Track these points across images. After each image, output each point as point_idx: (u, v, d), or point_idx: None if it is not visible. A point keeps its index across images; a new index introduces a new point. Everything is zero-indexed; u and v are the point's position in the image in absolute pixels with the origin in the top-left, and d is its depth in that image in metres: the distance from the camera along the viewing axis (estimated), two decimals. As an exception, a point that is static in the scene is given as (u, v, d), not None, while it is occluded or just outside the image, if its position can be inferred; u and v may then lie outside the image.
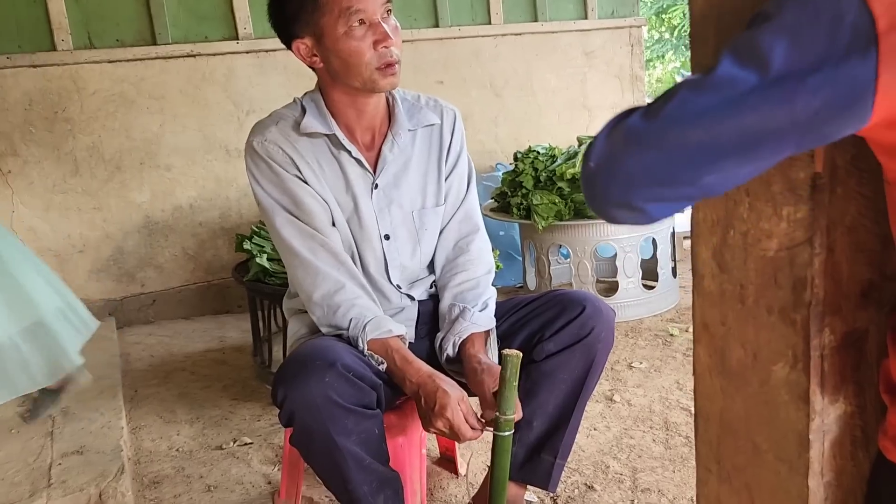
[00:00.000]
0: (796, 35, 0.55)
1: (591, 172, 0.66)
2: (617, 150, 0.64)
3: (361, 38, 1.43)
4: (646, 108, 0.64)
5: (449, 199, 1.64)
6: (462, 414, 1.38)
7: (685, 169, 0.61)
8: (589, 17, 4.28)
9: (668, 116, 0.61)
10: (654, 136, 0.62)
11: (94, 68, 3.22)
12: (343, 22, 1.42)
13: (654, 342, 2.80)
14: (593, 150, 0.67)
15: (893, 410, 0.64)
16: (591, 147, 0.67)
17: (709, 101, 0.59)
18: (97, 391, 2.45)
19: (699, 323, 0.75)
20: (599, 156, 0.66)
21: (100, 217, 3.32)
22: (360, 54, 1.44)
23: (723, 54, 0.60)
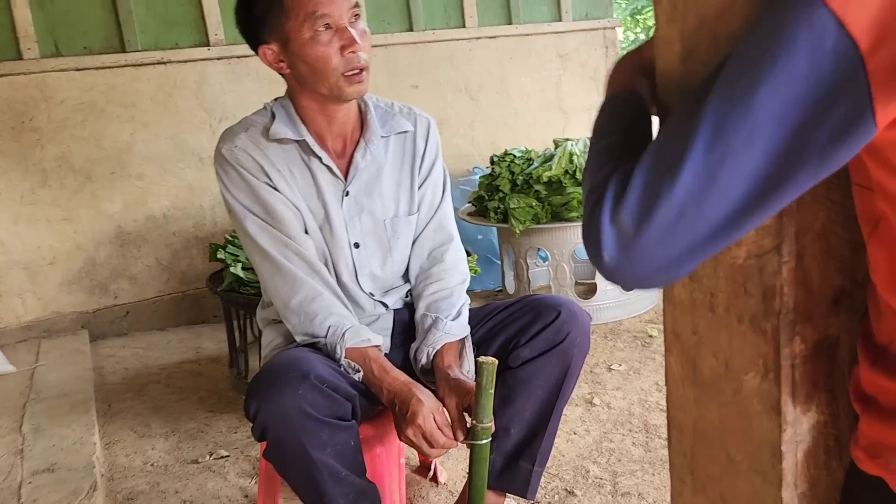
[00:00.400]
0: (785, 93, 0.54)
1: (611, 268, 0.62)
2: (630, 250, 0.60)
3: (328, 43, 1.41)
4: (637, 208, 0.59)
5: (423, 208, 1.62)
6: (434, 422, 1.37)
7: (711, 243, 0.59)
8: (563, 20, 4.29)
9: (668, 221, 0.58)
10: (657, 243, 0.59)
11: (62, 77, 3.16)
12: (308, 26, 1.40)
13: (634, 344, 2.80)
14: (598, 242, 0.61)
15: (865, 419, 0.64)
16: (592, 238, 0.62)
17: (707, 189, 0.57)
18: (69, 406, 2.41)
19: (670, 332, 0.73)
20: (612, 252, 0.61)
21: (70, 228, 3.26)
22: (326, 60, 1.42)
23: (703, 125, 0.57)
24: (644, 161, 0.60)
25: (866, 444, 0.63)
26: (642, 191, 0.59)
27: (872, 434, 0.63)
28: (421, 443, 1.37)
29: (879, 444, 0.62)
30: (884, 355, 0.62)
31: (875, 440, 0.62)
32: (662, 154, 0.59)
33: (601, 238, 0.61)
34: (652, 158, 0.60)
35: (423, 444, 1.37)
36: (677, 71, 0.67)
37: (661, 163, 0.59)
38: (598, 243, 0.61)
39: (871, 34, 0.51)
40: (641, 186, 0.59)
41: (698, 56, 0.65)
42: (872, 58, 0.52)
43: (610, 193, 0.61)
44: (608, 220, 0.61)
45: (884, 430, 0.62)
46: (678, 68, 0.67)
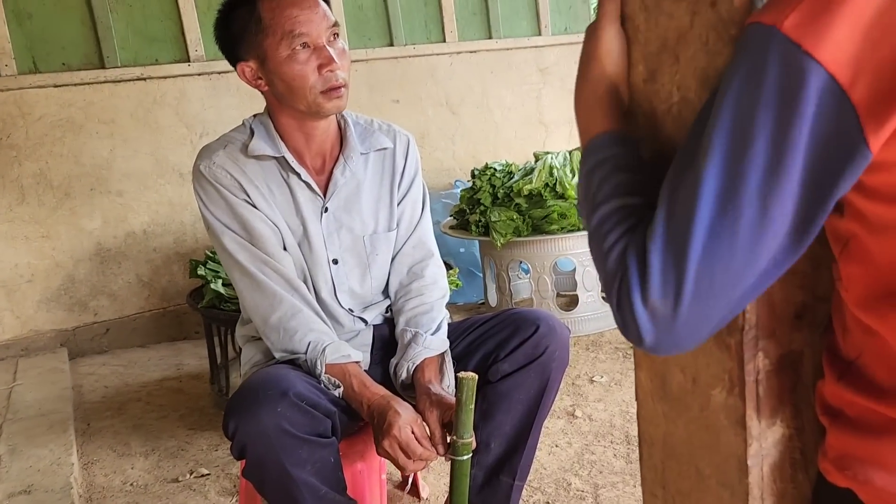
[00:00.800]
0: (782, 141, 0.54)
1: (656, 348, 0.61)
2: (672, 329, 0.59)
3: (305, 61, 1.42)
4: (665, 287, 0.58)
5: (402, 224, 1.63)
6: (410, 433, 1.36)
7: (753, 293, 0.58)
8: (542, 34, 4.33)
9: (701, 293, 0.57)
10: (698, 315, 0.58)
11: (40, 93, 3.14)
12: (286, 45, 1.41)
13: (615, 355, 2.81)
14: (637, 330, 0.60)
15: (833, 432, 0.65)
16: (629, 325, 0.61)
17: (730, 249, 0.56)
18: (46, 426, 2.38)
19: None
20: (653, 335, 0.60)
21: (49, 245, 3.23)
22: (303, 78, 1.42)
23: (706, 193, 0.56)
24: (656, 236, 0.59)
25: (835, 456, 0.64)
26: (663, 269, 0.58)
27: (840, 446, 0.64)
28: (397, 454, 1.37)
29: (848, 456, 0.63)
30: (850, 370, 0.63)
31: (843, 452, 0.63)
32: (672, 227, 0.58)
33: (639, 326, 0.60)
34: (663, 232, 0.59)
35: (400, 456, 1.37)
36: (642, 92, 0.69)
37: (674, 236, 0.58)
38: (637, 331, 0.61)
39: (848, 69, 0.53)
40: (661, 265, 0.58)
41: (661, 78, 0.66)
42: (854, 90, 0.53)
43: (633, 278, 0.60)
44: (640, 306, 0.59)
45: (852, 442, 0.63)
46: (642, 90, 0.68)
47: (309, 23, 1.41)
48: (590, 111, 0.72)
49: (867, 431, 0.61)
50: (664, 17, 0.65)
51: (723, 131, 0.56)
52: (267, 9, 1.41)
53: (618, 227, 0.63)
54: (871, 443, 0.61)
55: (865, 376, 0.61)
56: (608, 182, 0.66)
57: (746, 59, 0.56)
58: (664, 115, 0.67)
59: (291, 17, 1.41)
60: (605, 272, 0.64)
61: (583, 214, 0.71)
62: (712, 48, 0.61)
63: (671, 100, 0.66)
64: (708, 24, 0.61)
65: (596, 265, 0.67)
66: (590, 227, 0.68)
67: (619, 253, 0.62)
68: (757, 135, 0.55)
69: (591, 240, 0.67)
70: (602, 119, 0.70)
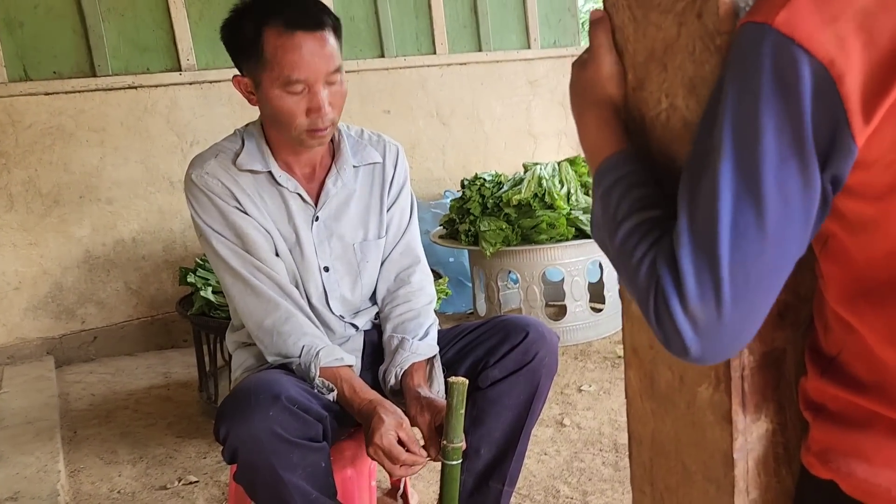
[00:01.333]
0: (787, 130, 0.56)
1: (702, 356, 0.60)
2: (718, 334, 0.59)
3: (296, 103, 1.41)
4: (703, 292, 0.58)
5: (390, 230, 1.64)
6: (393, 438, 1.37)
7: (783, 274, 0.59)
8: (532, 47, 4.38)
9: (739, 290, 0.57)
10: (743, 313, 0.58)
11: (30, 101, 3.15)
12: (280, 85, 1.40)
13: (603, 364, 2.83)
14: (681, 340, 0.60)
15: (816, 426, 0.67)
16: (671, 337, 0.60)
17: (759, 244, 0.57)
18: (33, 434, 2.37)
19: (629, 347, 0.76)
20: (698, 343, 0.59)
21: (36, 253, 3.22)
22: (291, 116, 1.43)
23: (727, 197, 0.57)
24: (683, 242, 0.59)
25: (818, 449, 0.66)
26: (697, 273, 0.58)
27: (824, 440, 0.66)
28: (382, 460, 1.37)
29: (831, 449, 0.65)
30: (832, 366, 0.66)
31: (827, 445, 0.65)
32: (698, 231, 0.59)
33: (682, 336, 0.59)
34: (690, 237, 0.59)
35: (385, 462, 1.38)
36: (631, 100, 0.71)
37: (701, 239, 0.58)
38: (682, 342, 0.60)
39: (838, 61, 0.55)
40: (694, 269, 0.58)
41: (649, 86, 0.69)
42: (843, 82, 0.55)
43: (668, 287, 0.59)
44: (680, 315, 0.59)
45: (834, 436, 0.65)
46: (631, 97, 0.71)
47: (308, 69, 1.39)
48: (599, 134, 0.73)
49: (849, 425, 0.63)
50: (652, 27, 0.67)
51: (730, 130, 0.58)
52: (270, 44, 1.38)
53: (643, 241, 0.63)
54: (852, 436, 0.63)
55: (846, 372, 0.64)
56: (626, 199, 0.67)
57: (742, 58, 0.58)
58: (653, 122, 0.69)
59: (291, 63, 1.38)
60: (637, 288, 0.63)
61: (602, 237, 0.70)
62: (699, 57, 0.63)
63: (659, 107, 0.68)
64: (694, 35, 0.64)
65: (626, 284, 0.66)
66: (613, 246, 0.67)
67: (649, 265, 0.62)
68: (763, 128, 0.56)
69: (618, 259, 0.66)
70: (611, 140, 0.71)
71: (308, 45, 1.38)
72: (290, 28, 1.38)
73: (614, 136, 0.71)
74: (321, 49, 1.39)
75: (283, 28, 1.38)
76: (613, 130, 0.72)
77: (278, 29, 1.38)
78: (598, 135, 0.73)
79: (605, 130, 0.72)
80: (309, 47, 1.38)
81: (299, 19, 1.38)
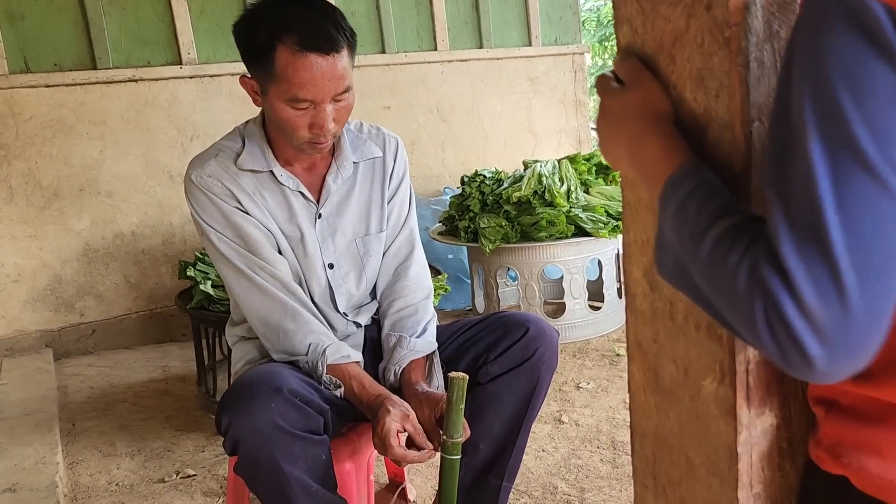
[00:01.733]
0: (878, 103, 0.50)
1: (830, 365, 0.53)
2: (847, 332, 0.52)
3: (300, 115, 1.40)
4: (821, 288, 0.51)
5: (389, 223, 1.64)
6: (391, 429, 1.37)
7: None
8: (533, 45, 4.38)
9: (863, 276, 0.51)
10: (870, 302, 0.51)
11: (31, 93, 3.14)
12: (287, 100, 1.39)
13: (601, 362, 2.84)
14: (802, 350, 0.52)
15: (827, 421, 0.66)
16: (790, 349, 0.53)
17: (876, 224, 0.51)
18: (31, 425, 2.37)
19: (633, 341, 0.76)
20: (822, 349, 0.52)
21: (36, 245, 3.21)
22: (294, 127, 1.42)
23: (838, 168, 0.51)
24: (783, 237, 0.53)
25: (829, 444, 0.66)
26: (808, 267, 0.52)
27: (835, 435, 0.65)
28: (385, 447, 1.37)
29: (843, 444, 0.64)
30: None
31: (838, 440, 0.65)
32: (799, 222, 0.52)
33: (803, 345, 0.52)
34: (790, 230, 0.53)
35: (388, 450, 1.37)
36: (638, 92, 0.71)
37: (805, 229, 0.52)
38: (803, 351, 0.52)
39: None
40: (804, 263, 0.52)
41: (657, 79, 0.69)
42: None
43: (777, 291, 0.52)
44: (798, 319, 0.51)
45: (846, 431, 0.64)
46: (639, 89, 0.71)
47: (317, 91, 1.37)
48: (663, 151, 0.68)
49: (862, 419, 0.63)
50: (660, 20, 0.67)
51: (811, 106, 0.52)
52: (282, 60, 1.36)
53: (735, 247, 0.56)
54: (866, 431, 0.62)
55: None
56: (706, 209, 0.60)
57: (811, 26, 0.53)
58: (660, 114, 0.69)
59: (300, 83, 1.36)
60: (736, 301, 0.55)
61: (679, 260, 0.63)
62: (707, 49, 0.63)
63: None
64: (703, 27, 0.64)
65: (721, 300, 0.58)
66: (700, 261, 0.59)
67: (748, 271, 0.54)
68: (845, 95, 0.51)
69: (708, 274, 0.58)
70: (677, 153, 0.66)
71: (320, 68, 1.36)
72: (304, 49, 1.35)
73: (679, 148, 0.67)
74: (332, 71, 1.37)
75: (296, 47, 1.35)
76: (678, 142, 0.67)
77: (292, 47, 1.35)
78: (662, 151, 0.67)
79: (669, 145, 0.67)
80: (321, 69, 1.36)
81: (314, 40, 1.35)
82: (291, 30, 1.35)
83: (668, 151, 0.67)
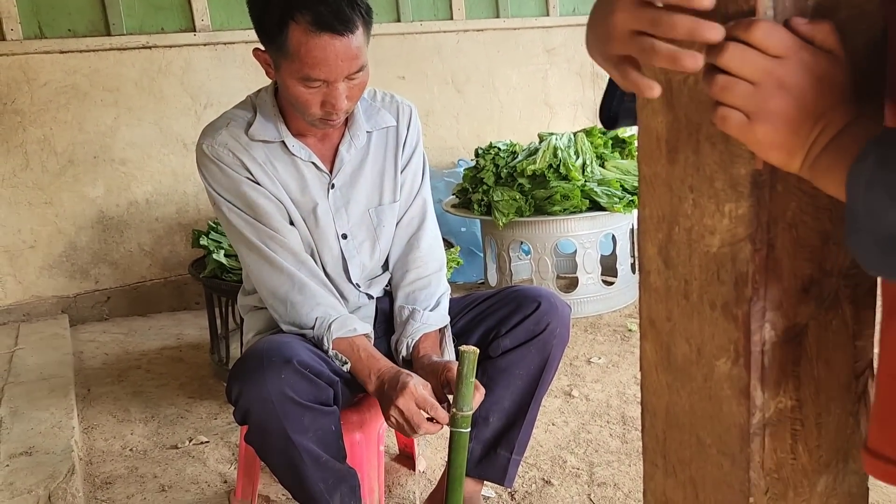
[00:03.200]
0: None
1: None
2: None
3: (313, 93, 1.38)
4: None
5: (402, 193, 1.63)
6: (423, 392, 1.36)
7: None
8: (550, 14, 4.31)
9: None
10: None
11: (45, 59, 3.13)
12: (300, 77, 1.37)
13: (613, 337, 2.83)
14: None
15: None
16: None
17: None
18: (47, 390, 2.40)
19: (646, 319, 0.75)
20: None
21: (51, 212, 3.23)
22: (306, 104, 1.40)
23: None
24: None
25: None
26: None
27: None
28: (412, 413, 1.35)
29: None
30: None
31: None
32: None
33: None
34: None
35: (414, 416, 1.35)
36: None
37: None
38: None
39: None
40: None
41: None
42: None
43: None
44: None
45: None
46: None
47: (330, 71, 1.35)
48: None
49: None
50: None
51: None
52: (294, 38, 1.34)
53: None
54: None
55: None
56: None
57: None
58: (680, 86, 0.67)
59: (313, 62, 1.34)
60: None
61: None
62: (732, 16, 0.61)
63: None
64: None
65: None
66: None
67: None
68: None
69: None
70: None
71: (334, 48, 1.33)
72: (318, 28, 1.32)
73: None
74: (346, 51, 1.35)
75: (310, 26, 1.32)
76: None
77: (305, 26, 1.32)
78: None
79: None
80: (334, 49, 1.33)
81: (328, 19, 1.32)
82: (305, 8, 1.32)
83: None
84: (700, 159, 0.67)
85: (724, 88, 0.60)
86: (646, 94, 0.64)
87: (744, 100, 0.60)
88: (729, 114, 0.60)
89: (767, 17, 0.58)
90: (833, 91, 0.59)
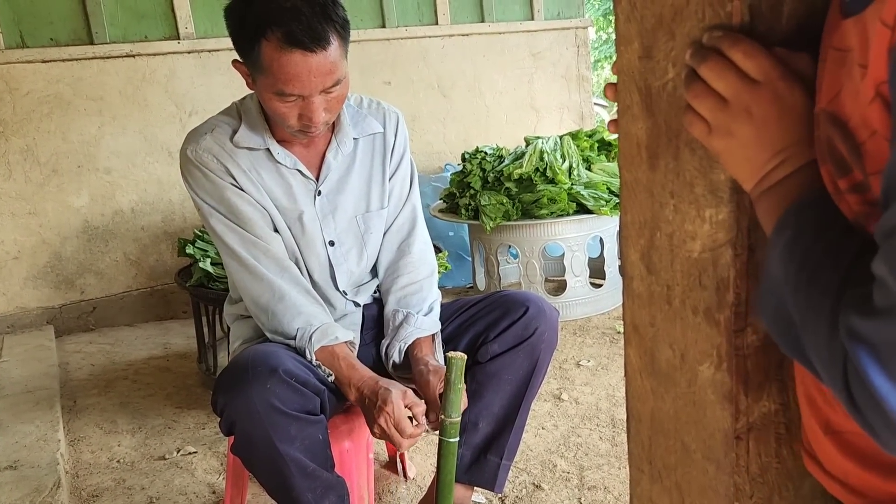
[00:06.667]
0: None
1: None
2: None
3: (289, 107, 1.37)
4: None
5: (391, 200, 1.63)
6: (403, 410, 1.36)
7: None
8: (535, 18, 4.32)
9: None
10: None
11: (27, 68, 3.11)
12: (274, 92, 1.36)
13: (602, 340, 2.83)
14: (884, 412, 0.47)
15: (805, 417, 0.64)
16: (870, 411, 0.47)
17: None
18: (32, 402, 2.37)
19: (629, 325, 0.75)
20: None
21: (35, 222, 3.20)
22: (284, 117, 1.40)
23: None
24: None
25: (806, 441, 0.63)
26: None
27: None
28: (392, 431, 1.37)
29: None
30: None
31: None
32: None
33: (885, 406, 0.46)
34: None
35: (394, 434, 1.37)
36: (637, 69, 0.69)
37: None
38: (885, 415, 0.46)
39: None
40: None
41: (656, 55, 0.66)
42: None
43: (865, 362, 0.46)
44: (884, 380, 0.46)
45: None
46: (637, 66, 0.69)
47: (303, 86, 1.34)
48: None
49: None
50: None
51: None
52: (267, 55, 1.32)
53: (828, 300, 0.51)
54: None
55: None
56: (826, 244, 0.53)
57: None
58: (659, 92, 0.67)
59: (286, 78, 1.32)
60: (821, 354, 0.51)
61: (788, 292, 0.55)
62: (708, 23, 0.61)
63: (666, 76, 0.66)
64: (704, 1, 0.61)
65: (810, 341, 0.52)
66: (803, 306, 0.53)
67: (845, 329, 0.48)
68: None
69: (808, 320, 0.53)
70: (799, 183, 0.58)
71: (307, 64, 1.32)
72: (289, 45, 1.30)
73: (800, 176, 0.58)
74: (320, 67, 1.33)
75: (281, 42, 1.30)
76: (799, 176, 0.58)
77: (276, 42, 1.31)
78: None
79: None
80: (307, 65, 1.32)
81: (300, 37, 1.30)
82: (276, 24, 1.30)
83: (790, 187, 0.58)
84: (680, 165, 0.67)
85: (696, 97, 0.61)
86: None
87: (710, 113, 0.60)
88: (694, 121, 0.62)
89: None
90: (800, 126, 0.58)
